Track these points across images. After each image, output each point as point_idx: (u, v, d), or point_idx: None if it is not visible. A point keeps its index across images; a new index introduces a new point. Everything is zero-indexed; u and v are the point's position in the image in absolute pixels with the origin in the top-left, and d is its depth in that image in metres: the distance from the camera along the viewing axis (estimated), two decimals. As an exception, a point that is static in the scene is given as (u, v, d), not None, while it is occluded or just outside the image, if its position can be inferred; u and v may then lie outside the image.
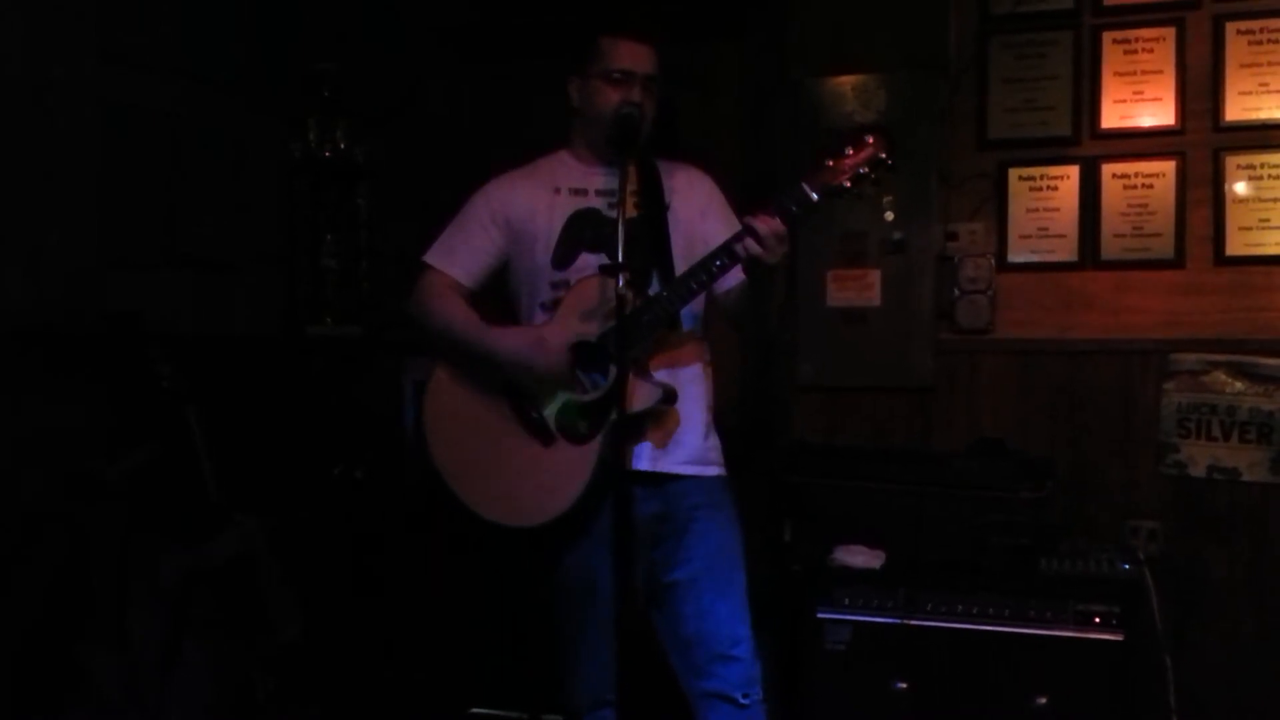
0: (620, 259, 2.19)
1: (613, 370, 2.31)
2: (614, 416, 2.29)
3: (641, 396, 2.31)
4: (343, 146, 3.78)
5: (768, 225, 2.23)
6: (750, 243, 2.23)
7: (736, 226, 2.35)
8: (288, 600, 3.10)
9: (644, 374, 2.34)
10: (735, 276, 2.37)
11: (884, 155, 2.27)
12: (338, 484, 3.53)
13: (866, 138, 2.28)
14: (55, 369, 3.00)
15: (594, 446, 2.35)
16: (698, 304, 2.45)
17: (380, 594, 3.41)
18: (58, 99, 3.10)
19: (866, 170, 2.27)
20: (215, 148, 3.55)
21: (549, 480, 2.38)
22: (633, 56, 2.43)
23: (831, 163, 2.27)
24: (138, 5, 3.32)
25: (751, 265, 2.27)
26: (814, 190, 2.26)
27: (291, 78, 3.75)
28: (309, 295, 3.79)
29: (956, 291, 3.49)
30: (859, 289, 3.56)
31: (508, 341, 2.42)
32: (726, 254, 2.28)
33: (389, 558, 3.43)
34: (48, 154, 3.08)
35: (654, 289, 2.38)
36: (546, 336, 2.39)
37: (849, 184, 2.27)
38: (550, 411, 2.39)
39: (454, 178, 2.66)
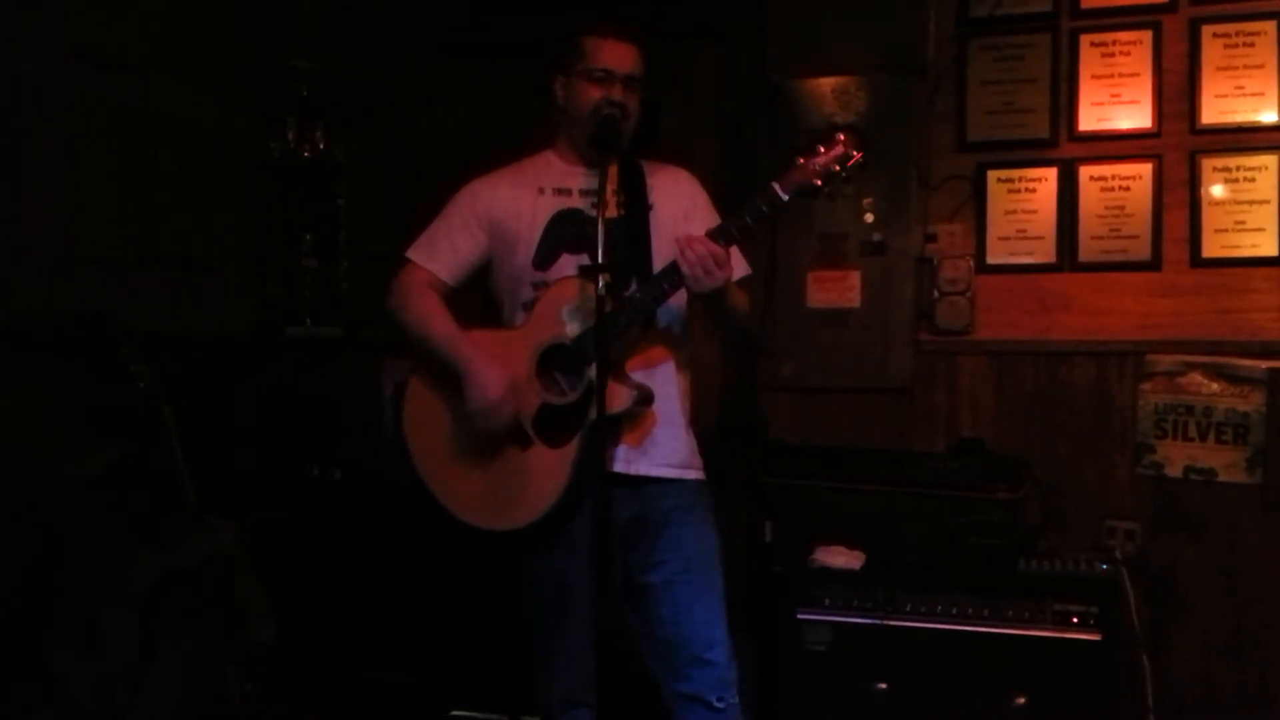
0: (601, 259, 2.18)
1: (588, 373, 2.30)
2: (591, 419, 2.28)
3: (618, 399, 2.29)
4: (322, 146, 3.76)
5: (699, 250, 2.22)
6: (690, 266, 2.22)
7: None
8: (263, 602, 3.07)
9: (620, 376, 2.33)
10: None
11: (855, 152, 2.27)
12: (315, 485, 3.50)
13: (838, 136, 2.28)
14: (28, 367, 2.96)
15: (571, 450, 2.34)
16: (678, 302, 2.43)
17: (359, 595, 3.39)
18: (28, 95, 3.06)
19: (838, 168, 2.27)
20: (192, 145, 3.52)
21: (527, 484, 2.37)
22: (615, 56, 2.43)
23: (803, 161, 2.28)
24: (111, 1, 3.29)
25: (690, 287, 2.26)
26: (785, 190, 2.27)
27: (270, 76, 3.72)
28: (287, 295, 3.76)
29: (936, 293, 3.50)
30: (839, 290, 3.56)
31: (461, 353, 2.39)
32: (677, 273, 2.28)
33: (367, 559, 3.40)
34: (17, 150, 3.05)
35: (633, 290, 2.37)
36: (499, 378, 2.35)
37: (820, 182, 2.27)
38: (527, 415, 2.38)
39: (435, 178, 2.65)
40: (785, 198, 2.26)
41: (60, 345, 3.02)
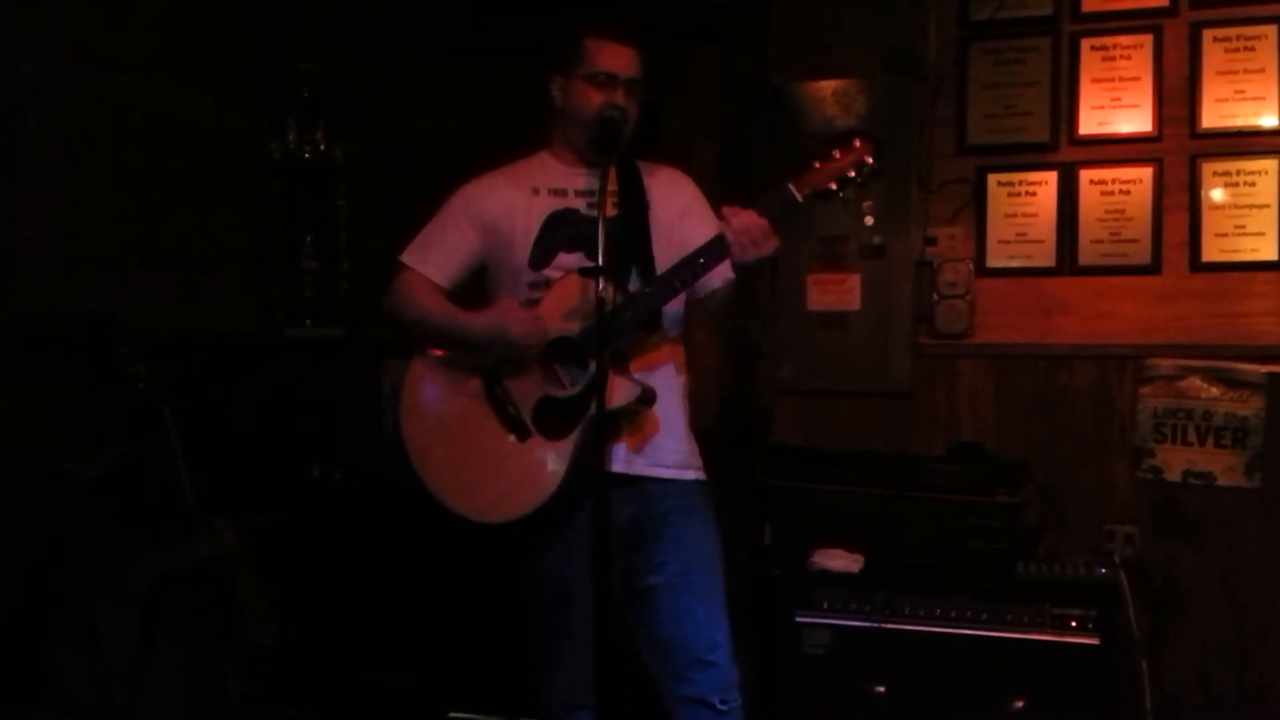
0: (600, 258, 2.18)
1: (591, 367, 2.30)
2: (591, 412, 2.28)
3: (620, 394, 2.29)
4: (322, 147, 3.76)
5: (745, 220, 2.22)
6: (737, 234, 2.22)
7: (716, 228, 2.35)
8: (263, 603, 3.07)
9: (624, 372, 2.33)
10: (719, 277, 2.36)
11: (870, 159, 2.27)
12: (315, 485, 3.50)
13: (854, 141, 2.28)
14: (28, 367, 2.96)
15: (569, 443, 2.33)
16: (678, 306, 2.44)
17: (358, 596, 3.39)
18: (28, 95, 3.06)
19: (853, 174, 2.27)
20: (192, 145, 3.52)
21: (522, 476, 2.36)
22: (617, 59, 2.42)
23: (819, 165, 2.27)
24: (112, 1, 3.29)
25: (736, 256, 2.25)
26: (800, 192, 2.27)
27: (270, 76, 3.73)
28: (288, 296, 3.76)
29: (935, 296, 3.50)
30: (839, 293, 3.56)
31: (480, 319, 2.40)
32: (712, 251, 2.27)
33: (367, 559, 3.41)
34: (18, 150, 3.05)
35: (634, 288, 2.37)
36: (520, 307, 2.37)
37: (834, 187, 2.27)
38: (526, 407, 2.38)
39: (435, 178, 2.64)
40: (800, 199, 2.26)
41: (60, 345, 3.02)
